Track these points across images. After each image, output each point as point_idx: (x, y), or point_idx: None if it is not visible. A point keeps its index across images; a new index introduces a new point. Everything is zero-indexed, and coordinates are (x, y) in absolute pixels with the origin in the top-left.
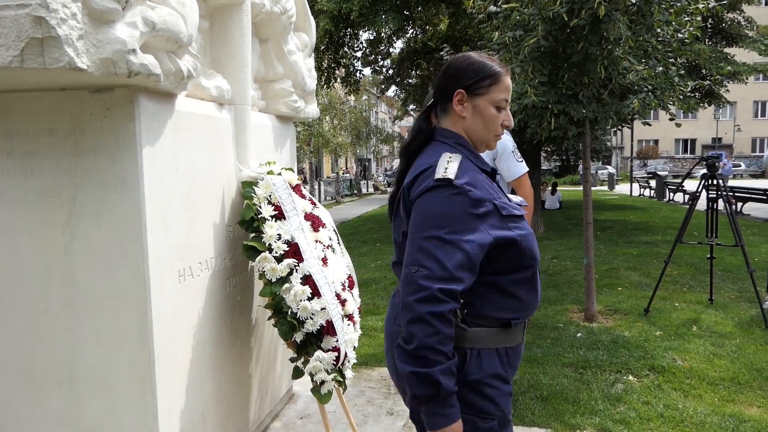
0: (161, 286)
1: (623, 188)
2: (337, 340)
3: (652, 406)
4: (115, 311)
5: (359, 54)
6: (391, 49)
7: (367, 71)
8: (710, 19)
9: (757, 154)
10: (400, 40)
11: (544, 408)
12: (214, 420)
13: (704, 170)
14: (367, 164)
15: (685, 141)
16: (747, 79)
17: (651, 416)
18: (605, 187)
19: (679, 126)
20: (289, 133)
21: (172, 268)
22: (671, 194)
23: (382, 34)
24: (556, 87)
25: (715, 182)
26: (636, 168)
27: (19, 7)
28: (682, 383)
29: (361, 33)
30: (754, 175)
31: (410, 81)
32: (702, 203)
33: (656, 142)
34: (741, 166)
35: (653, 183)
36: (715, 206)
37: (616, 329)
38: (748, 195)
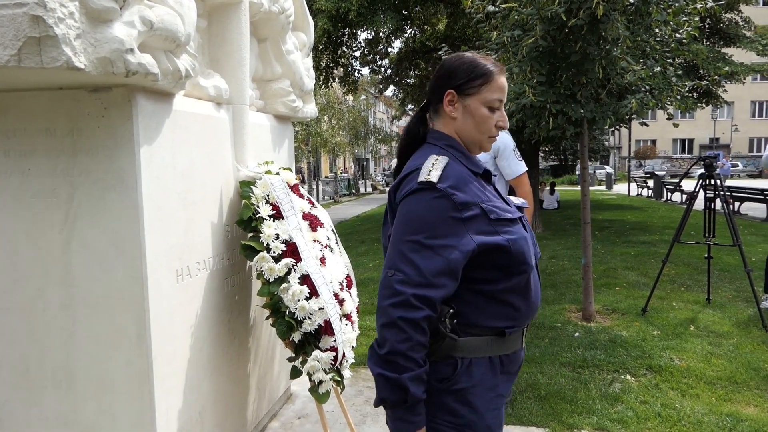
0: (159, 286)
1: (621, 188)
2: (335, 340)
3: (650, 406)
4: (113, 311)
5: (357, 54)
6: (390, 49)
7: (366, 71)
8: (708, 20)
9: (755, 154)
10: (398, 40)
11: (542, 407)
12: (212, 420)
13: (702, 170)
14: (365, 164)
15: (683, 141)
16: (744, 79)
17: (648, 415)
18: (603, 187)
19: (676, 126)
20: (287, 133)
21: (169, 267)
22: (669, 194)
23: (381, 34)
24: (554, 87)
25: (713, 182)
26: (633, 168)
27: (16, 6)
28: (680, 383)
29: (359, 32)
30: (752, 175)
31: (408, 81)
32: (699, 203)
33: (654, 142)
34: (738, 166)
35: (651, 183)
36: (713, 206)
37: (613, 329)
38: (746, 195)
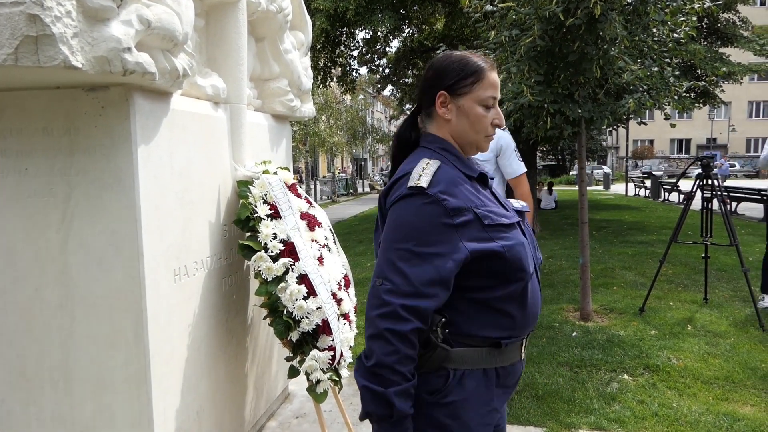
0: (156, 286)
1: (618, 188)
2: (332, 340)
3: (647, 405)
4: (110, 311)
5: (355, 53)
6: (388, 48)
7: (364, 70)
8: (705, 19)
9: (752, 154)
10: (396, 39)
11: (539, 407)
12: (210, 419)
13: (699, 170)
14: (363, 164)
15: (680, 141)
16: (742, 79)
17: (646, 415)
18: (601, 187)
19: (674, 126)
20: (285, 132)
21: (167, 267)
22: (666, 194)
23: (379, 33)
24: (552, 86)
25: (710, 182)
26: (629, 168)
27: (13, 5)
28: (677, 382)
29: (357, 32)
30: (749, 175)
31: (406, 80)
32: (697, 203)
33: (651, 142)
34: (735, 166)
35: (648, 183)
36: (710, 206)
37: (611, 328)
38: (743, 195)
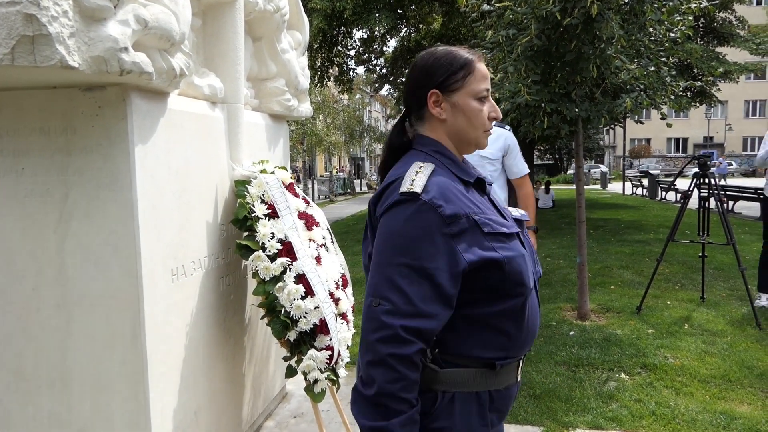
0: (154, 285)
1: (616, 187)
2: (330, 339)
3: (644, 404)
4: (108, 310)
5: (353, 52)
6: (385, 48)
7: (361, 70)
8: (702, 19)
9: (749, 153)
10: (393, 39)
11: (536, 406)
12: (208, 419)
13: (696, 169)
14: (360, 163)
15: (677, 140)
16: (738, 78)
17: (643, 414)
18: (598, 186)
19: (670, 126)
20: (282, 132)
21: (164, 266)
22: (663, 193)
23: (376, 33)
24: (549, 86)
25: (707, 181)
26: (625, 167)
27: (9, 5)
28: (674, 381)
29: (354, 31)
30: (746, 174)
31: (404, 80)
32: (694, 202)
33: (648, 141)
34: (732, 165)
35: (645, 182)
36: (707, 205)
37: (608, 327)
38: (740, 194)
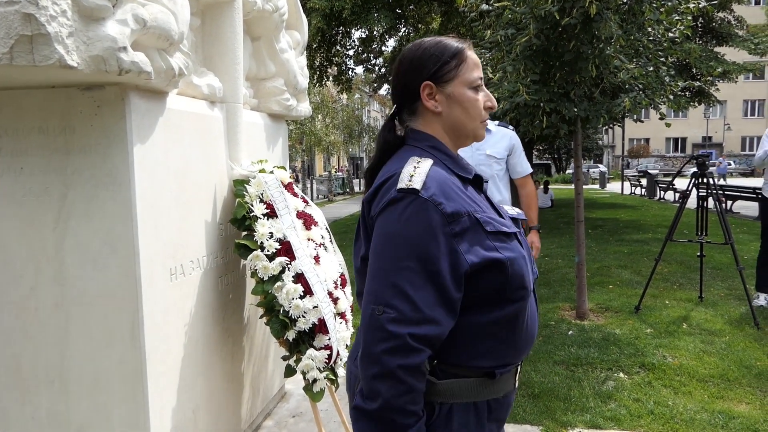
0: (152, 285)
1: (614, 186)
2: (329, 339)
3: (643, 403)
4: (106, 309)
5: (351, 52)
6: (384, 48)
7: (360, 69)
8: (701, 19)
9: (747, 152)
10: (392, 39)
11: (535, 405)
12: (206, 418)
13: (694, 169)
14: (359, 162)
15: (676, 140)
16: (737, 78)
17: (641, 413)
18: (597, 186)
19: (669, 126)
20: (281, 132)
21: (163, 266)
22: (662, 192)
23: (375, 33)
24: (547, 85)
25: (705, 181)
26: (625, 166)
27: (8, 4)
28: (672, 380)
29: (353, 31)
30: (744, 174)
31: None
32: (692, 201)
33: (647, 140)
34: (731, 164)
35: (644, 181)
36: (705, 204)
37: (607, 327)
38: (738, 193)
